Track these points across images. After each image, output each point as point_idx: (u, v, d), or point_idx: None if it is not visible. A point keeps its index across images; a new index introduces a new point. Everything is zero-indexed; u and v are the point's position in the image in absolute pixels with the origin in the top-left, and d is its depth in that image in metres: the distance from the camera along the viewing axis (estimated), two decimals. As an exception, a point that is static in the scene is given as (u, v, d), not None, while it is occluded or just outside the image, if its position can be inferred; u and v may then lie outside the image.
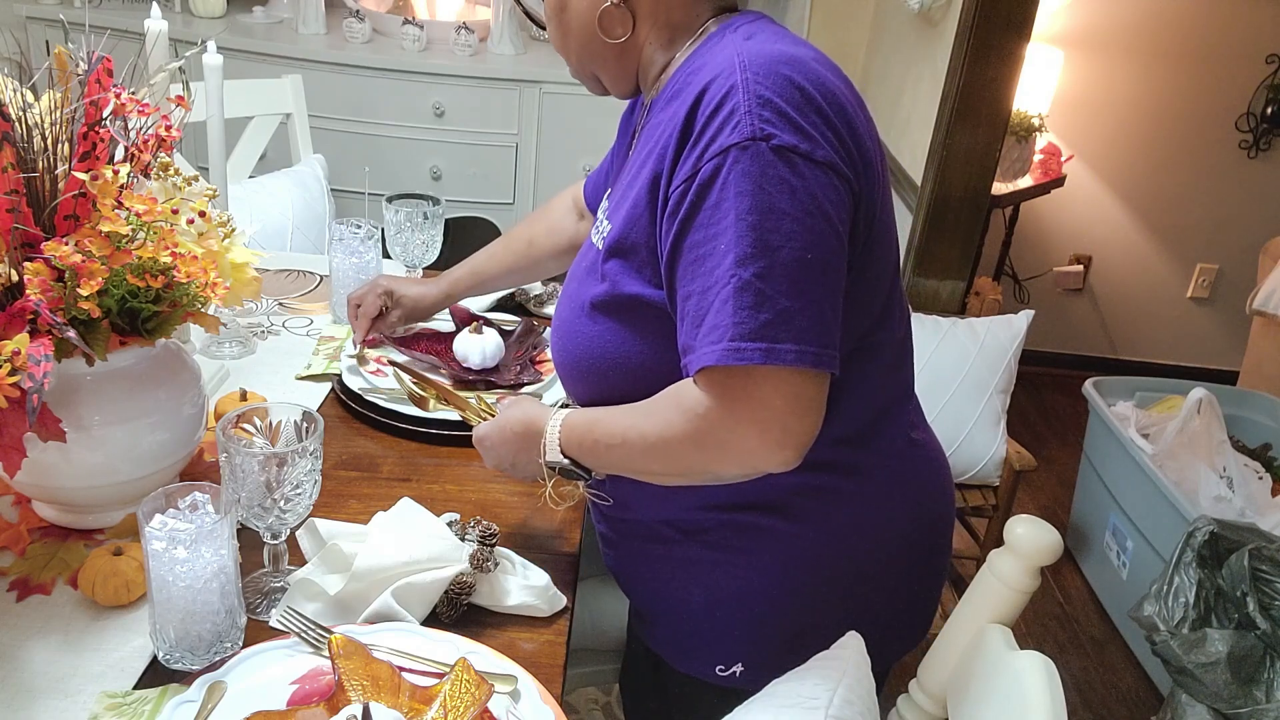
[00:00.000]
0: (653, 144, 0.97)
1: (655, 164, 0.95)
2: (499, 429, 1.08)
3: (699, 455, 0.92)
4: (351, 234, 1.55)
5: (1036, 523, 0.92)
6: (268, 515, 0.98)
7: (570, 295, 1.06)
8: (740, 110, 0.87)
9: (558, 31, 1.07)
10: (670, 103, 0.98)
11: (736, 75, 0.89)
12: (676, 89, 0.98)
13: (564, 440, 1.00)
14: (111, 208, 0.93)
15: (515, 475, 1.11)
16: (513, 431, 1.06)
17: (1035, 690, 0.80)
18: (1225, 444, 2.52)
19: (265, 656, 0.93)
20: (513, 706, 0.90)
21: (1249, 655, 1.84)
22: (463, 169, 2.99)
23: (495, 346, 1.43)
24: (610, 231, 1.00)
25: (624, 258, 0.98)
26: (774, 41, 0.94)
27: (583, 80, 1.12)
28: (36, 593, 1.01)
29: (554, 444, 1.01)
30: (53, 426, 0.94)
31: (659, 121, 0.99)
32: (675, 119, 0.93)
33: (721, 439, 0.89)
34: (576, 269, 1.09)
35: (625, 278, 0.97)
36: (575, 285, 1.05)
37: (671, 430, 0.92)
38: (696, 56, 0.99)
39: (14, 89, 0.95)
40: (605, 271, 0.99)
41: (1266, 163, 3.54)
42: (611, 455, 0.98)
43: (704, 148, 0.88)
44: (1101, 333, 3.86)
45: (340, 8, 3.12)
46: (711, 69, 0.92)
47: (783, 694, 0.86)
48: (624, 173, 1.08)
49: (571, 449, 1.00)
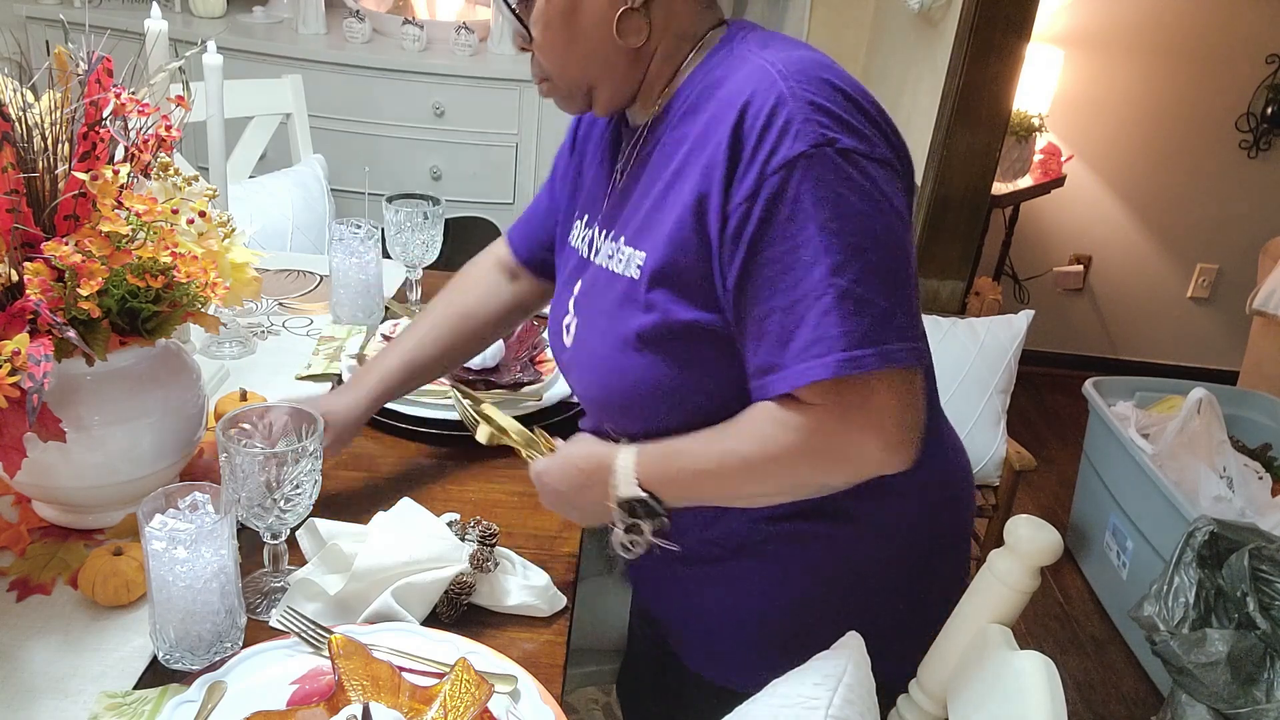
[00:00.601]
0: (680, 162, 0.95)
1: (698, 184, 0.91)
2: (561, 465, 1.03)
3: (812, 469, 0.91)
4: (351, 234, 1.55)
5: (1036, 523, 0.92)
6: (268, 515, 0.98)
7: (601, 331, 1.01)
8: (796, 119, 0.86)
9: (561, 36, 0.98)
10: (688, 118, 0.95)
11: (780, 84, 0.88)
12: (692, 104, 0.96)
13: (641, 473, 0.96)
14: (111, 208, 0.93)
15: (574, 516, 1.07)
16: (577, 468, 1.01)
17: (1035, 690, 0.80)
18: (1225, 444, 2.52)
19: (265, 656, 0.93)
20: (513, 706, 0.90)
21: (1249, 655, 1.84)
22: (463, 169, 2.99)
23: (495, 346, 1.43)
24: (647, 259, 0.96)
25: (671, 284, 0.94)
26: (794, 48, 0.93)
27: (567, 94, 1.03)
28: (36, 593, 1.01)
29: (628, 478, 0.96)
30: (53, 426, 0.94)
31: (678, 139, 0.96)
32: (715, 135, 0.90)
33: (839, 449, 0.89)
34: (595, 308, 1.03)
35: (676, 305, 0.94)
36: (605, 321, 1.01)
37: (778, 447, 0.90)
38: (706, 70, 0.97)
39: (14, 89, 0.95)
40: (651, 301, 0.95)
41: (1266, 163, 3.54)
42: (702, 482, 0.95)
43: (764, 162, 0.86)
44: (1101, 333, 3.86)
45: (340, 8, 3.12)
46: (741, 81, 0.91)
47: (783, 694, 0.86)
48: (627, 194, 1.03)
49: (651, 482, 0.96)
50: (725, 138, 0.89)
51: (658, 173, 0.98)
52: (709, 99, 0.94)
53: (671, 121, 0.99)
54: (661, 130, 1.00)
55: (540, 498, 1.06)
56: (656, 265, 0.94)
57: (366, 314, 1.59)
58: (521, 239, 1.30)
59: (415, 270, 1.67)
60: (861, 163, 0.87)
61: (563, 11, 0.97)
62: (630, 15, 0.96)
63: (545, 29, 0.98)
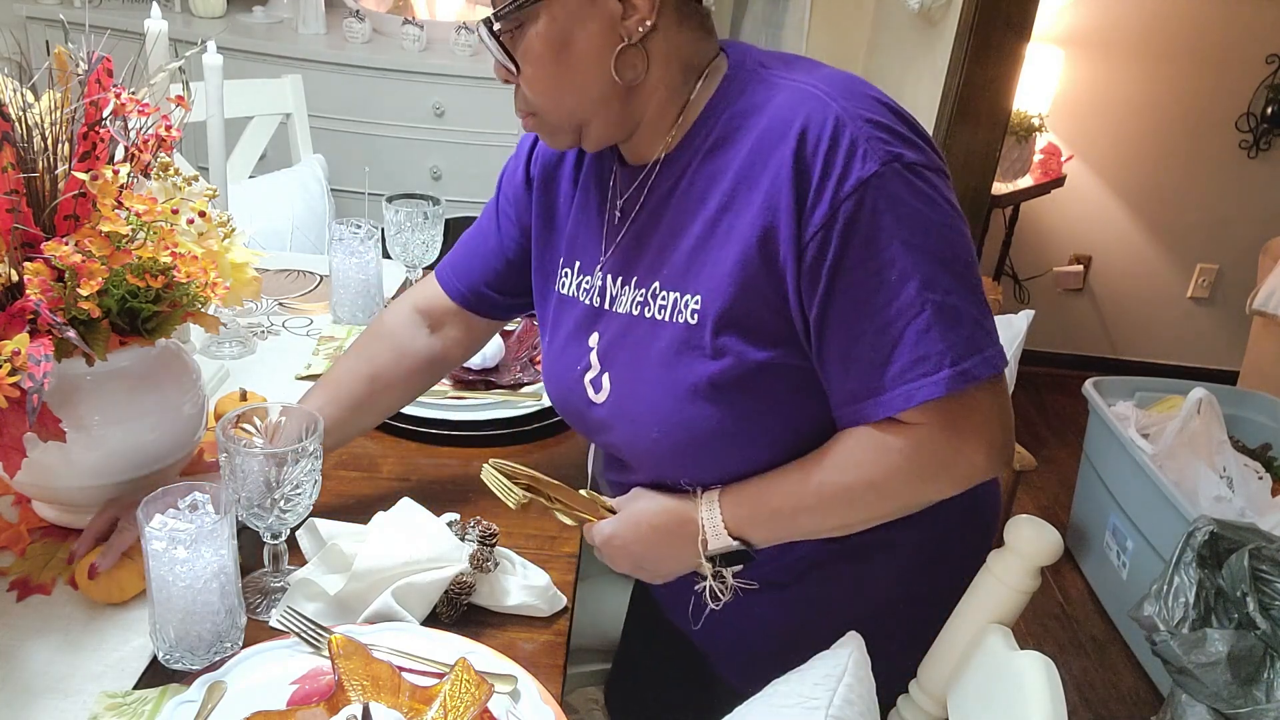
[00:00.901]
0: (725, 198, 0.91)
1: (760, 218, 0.88)
2: (633, 527, 0.98)
3: (920, 487, 0.91)
4: (351, 234, 1.55)
5: (1036, 523, 0.92)
6: (268, 515, 0.98)
7: (652, 382, 0.95)
8: (861, 139, 0.85)
9: (550, 72, 0.92)
10: (720, 151, 0.92)
11: (833, 106, 0.86)
12: (720, 136, 0.92)
13: (730, 522, 0.94)
14: (111, 208, 0.93)
15: (650, 577, 1.02)
16: (652, 526, 0.97)
17: (1035, 690, 0.80)
18: (1225, 444, 2.52)
19: (265, 656, 0.93)
20: (513, 706, 0.90)
21: (1249, 655, 1.84)
22: (463, 169, 2.99)
23: (495, 347, 1.43)
24: (706, 303, 0.91)
25: (741, 326, 0.90)
26: (817, 67, 0.92)
27: (554, 130, 0.97)
28: (36, 593, 1.01)
29: (717, 530, 0.94)
30: (53, 426, 0.94)
31: (711, 173, 0.92)
32: (768, 166, 0.87)
33: (947, 463, 0.89)
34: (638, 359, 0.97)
35: (749, 347, 0.91)
36: (658, 371, 0.95)
37: (883, 471, 0.89)
38: (725, 99, 0.93)
39: (14, 89, 0.95)
40: (722, 346, 0.91)
41: (1266, 163, 3.53)
42: (801, 519, 0.93)
43: (835, 188, 0.84)
44: (1101, 333, 3.86)
45: (340, 8, 3.12)
46: (784, 107, 0.88)
47: (783, 694, 0.86)
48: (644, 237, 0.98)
49: (742, 528, 0.94)
50: (785, 167, 0.86)
51: (690, 211, 0.94)
52: (742, 129, 0.91)
53: (695, 155, 0.94)
54: (683, 165, 0.95)
55: (610, 563, 1.02)
56: (722, 308, 0.90)
57: (366, 314, 1.59)
58: (458, 278, 1.19)
59: (415, 270, 1.67)
60: (926, 174, 0.87)
61: (553, 46, 0.90)
62: (627, 51, 0.91)
63: (534, 63, 0.91)
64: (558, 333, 1.08)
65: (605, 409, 1.01)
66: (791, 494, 0.92)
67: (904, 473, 0.89)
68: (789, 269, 0.88)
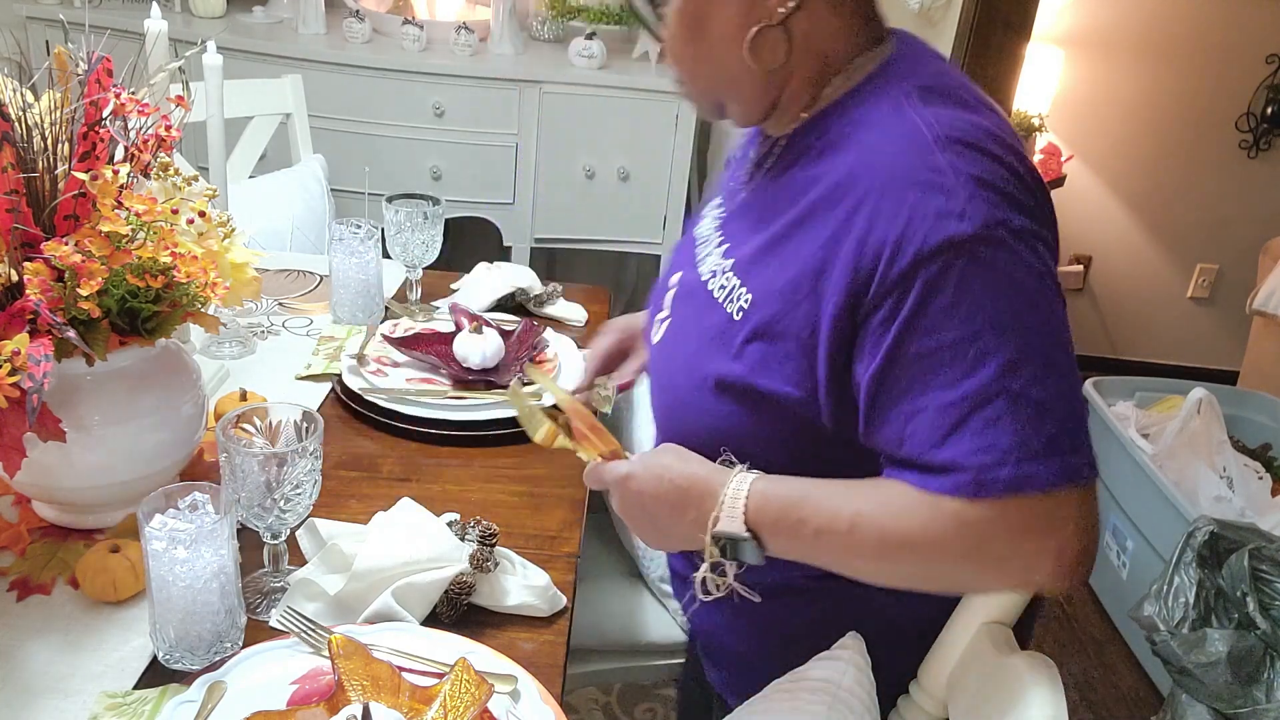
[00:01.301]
0: (808, 207, 0.86)
1: (823, 246, 0.83)
2: (655, 476, 0.89)
3: (963, 567, 0.80)
4: (351, 234, 1.55)
5: (1036, 523, 0.92)
6: (268, 515, 0.98)
7: (684, 360, 0.94)
8: (960, 196, 0.77)
9: (687, 48, 0.91)
10: (827, 156, 0.87)
11: (936, 153, 0.79)
12: (832, 140, 0.87)
13: (751, 511, 0.84)
14: (111, 208, 0.93)
15: (649, 535, 0.93)
16: (674, 484, 0.87)
17: (1035, 690, 0.80)
18: (1225, 444, 2.52)
19: (265, 656, 0.93)
20: (513, 706, 0.90)
21: (1249, 655, 1.84)
22: (463, 169, 2.99)
23: (495, 347, 1.43)
24: (754, 306, 0.88)
25: (769, 344, 0.86)
26: (955, 103, 0.84)
27: (698, 103, 0.97)
28: (36, 593, 1.01)
29: (735, 513, 0.84)
30: (53, 426, 0.94)
31: (811, 177, 0.88)
32: (848, 193, 0.82)
33: (1002, 557, 0.78)
34: (689, 324, 0.95)
35: (766, 369, 0.86)
36: (692, 349, 0.93)
37: (926, 531, 0.78)
38: (854, 102, 0.88)
39: (14, 89, 0.95)
40: (745, 353, 0.87)
41: (1266, 163, 3.53)
42: (822, 543, 0.83)
43: (921, 242, 0.77)
44: (1101, 333, 3.86)
45: (340, 8, 3.12)
46: (889, 137, 0.82)
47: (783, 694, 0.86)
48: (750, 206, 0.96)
49: (761, 524, 0.83)
50: (871, 205, 0.80)
51: (783, 203, 0.90)
52: (850, 142, 0.85)
53: (806, 152, 0.90)
54: (796, 154, 0.92)
55: (617, 504, 0.93)
56: (762, 319, 0.87)
57: (366, 314, 1.59)
58: None
59: (415, 270, 1.67)
60: (1033, 245, 0.78)
61: (689, 22, 0.89)
62: (767, 32, 0.86)
63: (671, 37, 0.91)
64: (671, 259, 1.07)
65: (655, 354, 1.00)
66: (823, 512, 0.82)
67: (949, 545, 0.78)
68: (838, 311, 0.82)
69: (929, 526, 0.78)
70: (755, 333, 0.87)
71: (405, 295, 1.71)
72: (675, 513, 0.88)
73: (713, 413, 0.90)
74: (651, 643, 1.51)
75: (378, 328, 1.53)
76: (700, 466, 0.89)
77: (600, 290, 1.85)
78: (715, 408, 0.90)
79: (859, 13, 0.89)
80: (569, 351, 1.53)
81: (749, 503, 0.84)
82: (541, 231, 3.07)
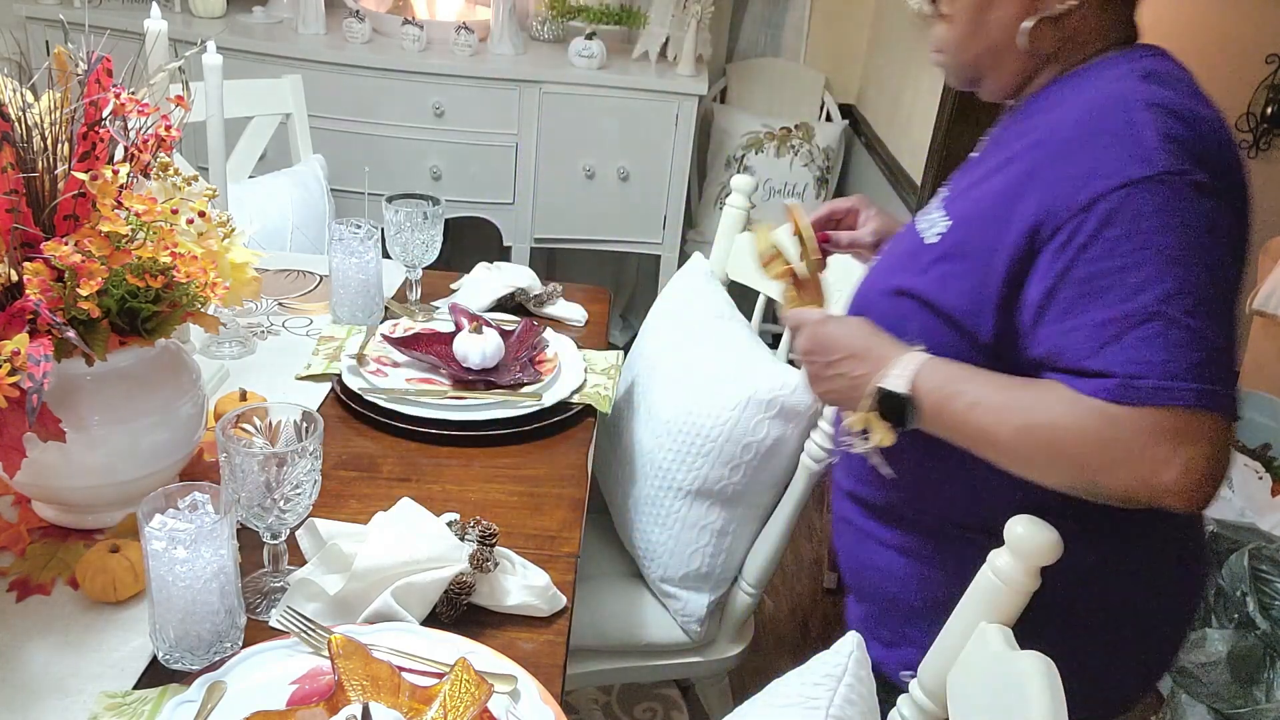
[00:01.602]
0: (1013, 154, 0.96)
1: (1019, 179, 0.93)
2: (849, 328, 1.02)
3: (1095, 464, 0.87)
4: (351, 234, 1.55)
5: (1036, 522, 0.92)
6: (268, 515, 0.98)
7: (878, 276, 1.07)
8: (1149, 145, 0.86)
9: (966, 29, 1.01)
10: (1038, 115, 0.98)
11: (1139, 110, 0.88)
12: (1051, 103, 0.98)
13: (919, 378, 0.94)
14: (111, 208, 0.93)
15: (815, 380, 1.05)
16: (862, 338, 1.00)
17: (1035, 690, 0.80)
18: (1225, 444, 2.52)
19: (265, 656, 0.93)
20: (513, 706, 0.90)
21: (1249, 655, 1.84)
22: (463, 169, 2.99)
23: (495, 346, 1.43)
24: (950, 231, 0.99)
25: (952, 263, 0.96)
26: (1171, 86, 0.92)
27: (955, 73, 1.07)
28: (36, 593, 1.01)
29: (905, 374, 0.94)
30: (53, 426, 0.94)
31: (1021, 131, 0.98)
32: (1051, 139, 0.92)
33: (1133, 458, 0.85)
34: (891, 254, 1.09)
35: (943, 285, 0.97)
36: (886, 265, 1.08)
37: (1068, 423, 0.87)
38: (1082, 75, 0.98)
39: (14, 89, 0.95)
40: (930, 271, 0.98)
41: (1266, 163, 3.53)
42: (970, 418, 0.92)
43: (1105, 179, 0.86)
44: (1101, 333, 3.86)
45: (340, 8, 3.12)
46: (1100, 94, 0.92)
47: (783, 694, 0.86)
48: (968, 171, 1.07)
49: (923, 391, 0.94)
50: (1061, 142, 0.90)
51: (993, 155, 1.02)
52: (1068, 101, 0.95)
53: (1025, 112, 1.02)
54: (1016, 119, 1.03)
55: (802, 343, 1.05)
56: (954, 241, 0.97)
57: (366, 314, 1.59)
58: None
59: (415, 270, 1.67)
60: (1215, 200, 0.87)
61: (973, 6, 0.99)
62: (1043, 24, 0.97)
63: (954, 12, 1.01)
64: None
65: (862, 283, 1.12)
66: (982, 394, 0.92)
67: (1087, 434, 0.86)
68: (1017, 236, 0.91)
69: (1070, 413, 0.87)
70: (944, 254, 0.98)
71: (405, 295, 1.71)
72: (853, 361, 0.99)
73: (889, 315, 1.01)
74: (652, 643, 1.51)
75: (378, 328, 1.53)
76: (887, 336, 1.00)
77: (600, 290, 1.85)
78: (891, 311, 1.01)
79: (1123, 14, 1.00)
80: (569, 351, 1.53)
81: (920, 369, 0.95)
82: (541, 231, 3.07)
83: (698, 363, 1.43)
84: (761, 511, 1.45)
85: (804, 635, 2.44)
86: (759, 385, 1.34)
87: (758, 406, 1.33)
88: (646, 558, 1.48)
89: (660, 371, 1.50)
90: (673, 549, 1.43)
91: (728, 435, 1.34)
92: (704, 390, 1.38)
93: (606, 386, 1.47)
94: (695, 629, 1.49)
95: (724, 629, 1.55)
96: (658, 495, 1.42)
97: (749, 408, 1.33)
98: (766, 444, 1.35)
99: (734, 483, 1.37)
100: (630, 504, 1.49)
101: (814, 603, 2.56)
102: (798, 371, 1.32)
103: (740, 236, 1.68)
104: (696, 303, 1.57)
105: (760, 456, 1.36)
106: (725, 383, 1.36)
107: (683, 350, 1.47)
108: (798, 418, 1.35)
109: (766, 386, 1.34)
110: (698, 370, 1.42)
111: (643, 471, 1.45)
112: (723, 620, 1.54)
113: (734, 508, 1.41)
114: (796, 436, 1.37)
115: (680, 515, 1.41)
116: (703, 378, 1.41)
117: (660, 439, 1.41)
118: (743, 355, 1.42)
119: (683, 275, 1.63)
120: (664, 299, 1.63)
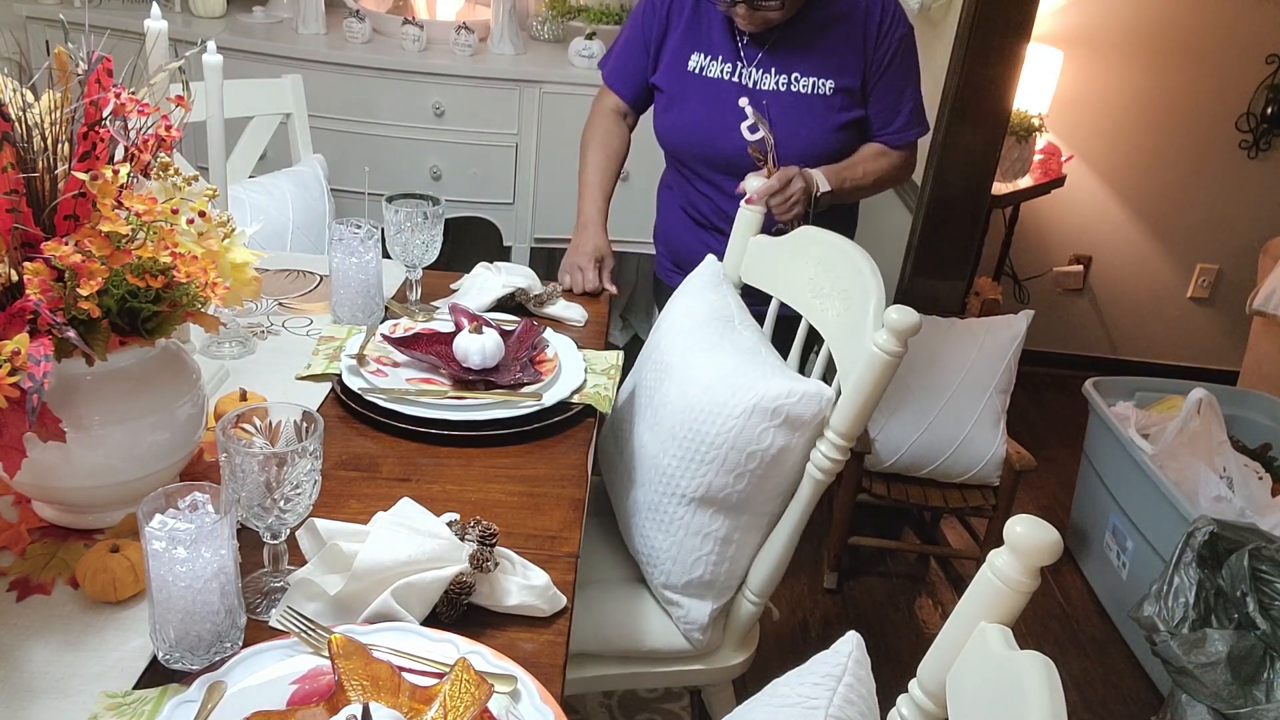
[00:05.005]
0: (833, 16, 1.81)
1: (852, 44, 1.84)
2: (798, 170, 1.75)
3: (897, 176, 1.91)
4: (351, 234, 1.55)
5: (1036, 522, 0.92)
6: (268, 515, 0.98)
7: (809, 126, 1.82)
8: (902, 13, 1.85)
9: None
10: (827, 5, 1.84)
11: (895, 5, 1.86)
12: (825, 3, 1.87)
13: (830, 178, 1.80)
14: (111, 208, 0.93)
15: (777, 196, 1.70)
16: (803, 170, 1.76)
17: (1035, 690, 0.80)
18: (1225, 444, 2.52)
19: (265, 656, 0.93)
20: (513, 706, 0.90)
21: (1249, 655, 1.84)
22: (463, 169, 2.99)
23: (495, 346, 1.43)
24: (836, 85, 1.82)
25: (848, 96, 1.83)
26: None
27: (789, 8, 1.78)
28: (36, 593, 1.01)
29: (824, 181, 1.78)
30: (53, 426, 0.94)
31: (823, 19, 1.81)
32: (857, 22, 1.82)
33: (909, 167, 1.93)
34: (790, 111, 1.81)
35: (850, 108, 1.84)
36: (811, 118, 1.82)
37: (891, 165, 1.88)
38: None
39: (14, 89, 0.95)
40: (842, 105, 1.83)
41: (1266, 163, 3.54)
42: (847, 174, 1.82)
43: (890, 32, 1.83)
44: (1101, 333, 3.86)
45: (340, 8, 3.12)
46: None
47: (783, 694, 0.86)
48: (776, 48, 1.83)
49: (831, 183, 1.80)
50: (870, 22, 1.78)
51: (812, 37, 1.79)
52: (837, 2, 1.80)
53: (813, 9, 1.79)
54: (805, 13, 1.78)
55: (778, 177, 1.71)
56: (843, 87, 1.81)
57: (366, 314, 1.59)
58: (627, 86, 1.95)
59: (415, 270, 1.67)
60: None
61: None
62: None
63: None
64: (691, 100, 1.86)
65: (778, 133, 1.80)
66: (855, 171, 1.84)
67: (900, 166, 1.90)
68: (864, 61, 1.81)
69: (891, 161, 1.89)
70: (844, 95, 1.82)
71: (405, 295, 1.71)
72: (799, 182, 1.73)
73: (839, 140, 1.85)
74: (654, 649, 1.50)
75: (378, 328, 1.53)
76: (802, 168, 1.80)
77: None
78: (837, 138, 1.84)
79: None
80: (569, 351, 1.53)
81: (824, 172, 1.79)
82: (541, 231, 3.07)
83: (703, 367, 1.43)
84: (766, 520, 1.44)
85: (804, 635, 2.44)
86: (765, 393, 1.32)
87: (763, 414, 1.32)
88: (649, 563, 1.48)
89: (668, 375, 1.49)
90: (675, 555, 1.42)
91: (732, 443, 1.33)
92: (709, 396, 1.37)
93: (607, 387, 1.47)
94: (697, 637, 1.48)
95: (728, 637, 1.54)
96: (661, 500, 1.42)
97: (754, 415, 1.32)
98: (771, 452, 1.34)
99: (738, 490, 1.36)
100: (633, 508, 1.49)
101: (814, 603, 2.56)
102: (804, 379, 1.33)
103: (754, 240, 1.67)
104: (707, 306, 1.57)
105: (765, 465, 1.35)
106: (730, 389, 1.35)
107: (690, 354, 1.47)
108: (803, 427, 1.33)
109: (772, 394, 1.32)
110: (703, 375, 1.42)
111: (647, 476, 1.44)
112: (726, 629, 1.53)
113: (738, 516, 1.40)
114: (802, 446, 1.36)
115: (684, 521, 1.40)
116: (708, 383, 1.40)
117: (664, 444, 1.41)
118: (750, 362, 1.41)
119: (696, 277, 1.63)
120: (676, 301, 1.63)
